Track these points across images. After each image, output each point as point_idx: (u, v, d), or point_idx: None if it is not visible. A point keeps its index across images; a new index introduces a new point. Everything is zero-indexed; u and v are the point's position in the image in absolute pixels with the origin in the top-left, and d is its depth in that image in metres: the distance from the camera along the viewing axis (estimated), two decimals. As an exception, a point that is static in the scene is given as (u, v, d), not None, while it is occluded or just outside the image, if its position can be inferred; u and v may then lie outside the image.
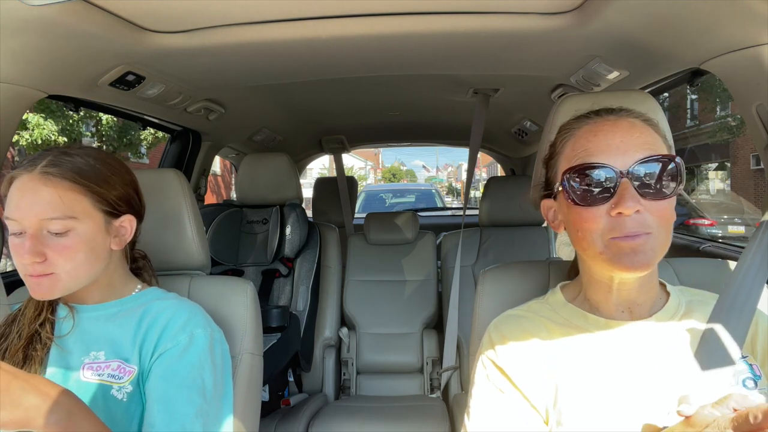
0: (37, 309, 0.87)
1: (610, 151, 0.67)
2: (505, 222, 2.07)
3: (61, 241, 0.79)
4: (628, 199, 0.64)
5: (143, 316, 0.86)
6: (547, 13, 1.07)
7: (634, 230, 0.65)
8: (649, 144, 0.68)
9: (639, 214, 0.65)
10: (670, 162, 0.67)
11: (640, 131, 0.69)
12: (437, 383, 2.20)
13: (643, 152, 0.67)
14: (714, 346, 0.67)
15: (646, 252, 0.65)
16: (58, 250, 0.78)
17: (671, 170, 0.66)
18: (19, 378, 0.62)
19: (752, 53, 0.86)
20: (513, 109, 2.13)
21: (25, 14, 0.88)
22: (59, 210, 0.78)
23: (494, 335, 0.77)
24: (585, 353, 0.71)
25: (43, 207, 0.78)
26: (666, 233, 0.67)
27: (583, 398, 0.68)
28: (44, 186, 0.78)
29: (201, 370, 0.83)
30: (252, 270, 2.08)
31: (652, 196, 0.66)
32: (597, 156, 0.68)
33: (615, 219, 0.66)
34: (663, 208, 0.66)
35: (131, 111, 1.68)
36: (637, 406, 0.66)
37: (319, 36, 1.15)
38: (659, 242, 0.66)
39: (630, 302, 0.73)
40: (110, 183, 0.85)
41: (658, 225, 0.66)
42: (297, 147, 2.89)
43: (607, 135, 0.69)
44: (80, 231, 0.80)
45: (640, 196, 0.65)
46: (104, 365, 0.83)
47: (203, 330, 0.86)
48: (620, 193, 0.65)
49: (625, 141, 0.68)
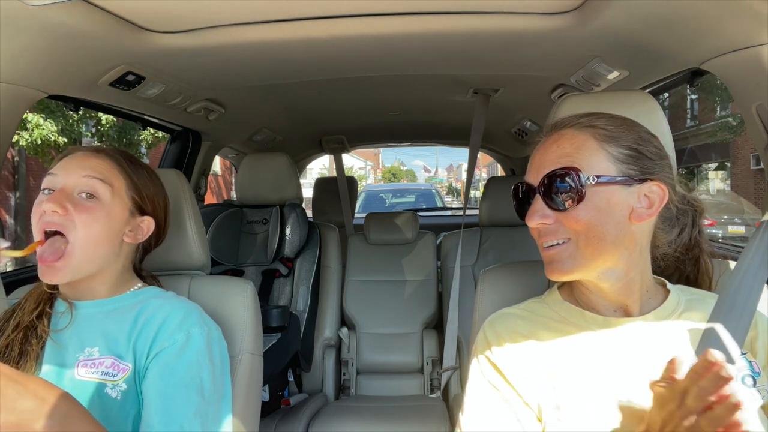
0: (36, 302, 0.87)
1: (533, 168, 0.74)
2: (505, 222, 2.07)
3: (86, 202, 0.83)
4: (532, 214, 0.72)
5: (139, 314, 0.86)
6: (547, 13, 1.07)
7: (548, 239, 0.71)
8: (567, 155, 0.71)
9: (552, 225, 0.71)
10: (565, 174, 0.69)
11: (558, 144, 0.72)
12: (437, 383, 2.20)
13: (552, 166, 0.71)
14: (714, 344, 0.67)
15: (562, 260, 0.70)
16: (80, 210, 0.82)
17: (567, 181, 0.69)
18: (16, 381, 0.61)
19: (752, 53, 0.86)
20: (513, 109, 2.13)
21: (25, 14, 0.88)
22: (98, 172, 0.85)
23: (489, 332, 0.78)
24: (583, 350, 0.72)
25: (85, 167, 0.85)
26: (587, 240, 0.69)
27: (581, 395, 0.68)
28: (94, 156, 0.87)
29: (199, 369, 0.82)
30: (252, 270, 2.08)
31: (555, 208, 0.71)
32: (527, 174, 0.75)
33: (536, 230, 0.73)
34: (573, 217, 0.69)
35: (131, 111, 1.67)
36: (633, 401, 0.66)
37: (319, 36, 1.15)
38: (578, 249, 0.70)
39: (617, 303, 0.74)
40: (147, 182, 0.92)
41: (576, 232, 0.69)
42: (297, 147, 2.89)
43: (537, 152, 0.75)
44: (106, 201, 0.85)
45: (547, 209, 0.71)
46: (98, 362, 0.82)
47: (200, 329, 0.86)
48: (531, 207, 0.73)
49: (543, 157, 0.73)
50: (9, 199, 8.12)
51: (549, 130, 0.76)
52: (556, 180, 0.70)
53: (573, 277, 0.72)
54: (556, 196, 0.70)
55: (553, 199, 0.70)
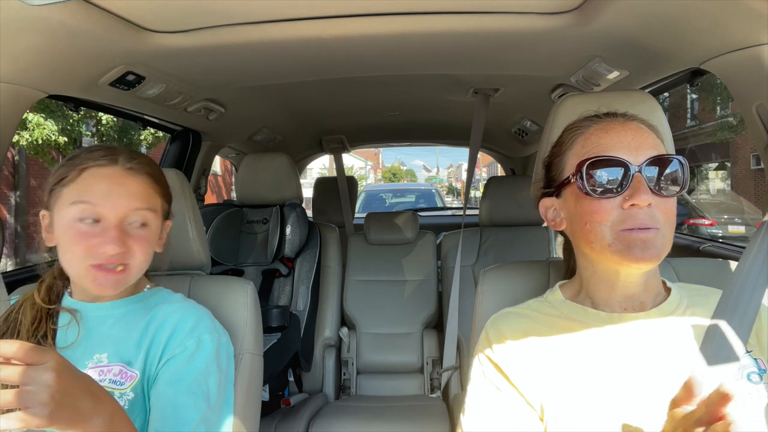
0: (34, 318, 0.84)
1: (622, 147, 0.70)
2: (505, 222, 2.07)
3: (141, 232, 0.82)
4: (642, 192, 0.67)
5: (150, 321, 0.85)
6: (547, 13, 1.07)
7: (645, 223, 0.67)
8: (656, 146, 0.72)
9: (650, 209, 0.68)
10: (677, 162, 0.70)
11: (648, 133, 0.73)
12: (437, 383, 2.20)
13: (654, 151, 0.70)
14: (719, 341, 0.68)
15: (656, 245, 0.67)
16: (138, 241, 0.81)
17: (678, 170, 0.70)
18: (80, 380, 0.63)
19: (752, 53, 0.86)
20: (513, 109, 2.13)
21: (25, 14, 0.88)
22: (146, 201, 0.83)
23: (491, 332, 0.77)
24: (587, 347, 0.72)
25: (132, 198, 0.82)
26: (671, 231, 0.70)
27: (586, 393, 0.68)
28: (132, 179, 0.83)
29: (207, 376, 0.82)
30: (252, 270, 2.08)
31: (661, 192, 0.69)
32: (611, 151, 0.71)
33: (627, 211, 0.68)
34: (670, 205, 0.70)
35: (131, 111, 1.67)
36: (639, 399, 0.66)
37: (319, 36, 1.14)
38: (666, 239, 0.69)
39: (632, 298, 0.74)
40: (166, 186, 0.91)
41: (665, 222, 0.69)
42: (297, 147, 2.88)
43: (618, 133, 0.72)
44: (153, 226, 0.85)
45: (651, 192, 0.68)
46: (106, 369, 0.82)
47: (210, 335, 0.85)
48: (635, 185, 0.68)
49: (636, 139, 0.71)
50: (9, 198, 8.13)
51: (615, 117, 0.75)
52: (668, 165, 0.70)
53: (650, 267, 0.71)
54: (665, 180, 0.69)
55: (661, 183, 0.69)
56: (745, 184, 12.44)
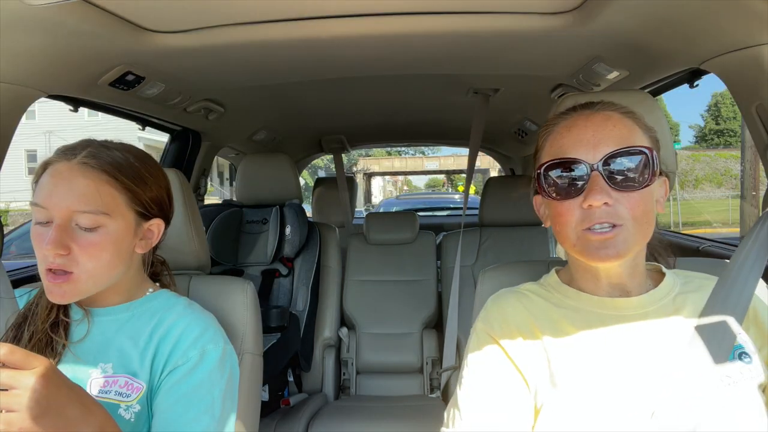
0: (47, 307, 0.82)
1: (581, 146, 0.70)
2: (504, 222, 2.06)
3: (89, 237, 0.75)
4: (596, 192, 0.67)
5: (154, 330, 0.83)
6: (547, 13, 1.07)
7: (604, 220, 0.67)
8: (623, 137, 0.70)
9: (610, 207, 0.68)
10: (640, 154, 0.69)
11: (614, 124, 0.71)
12: (437, 383, 2.20)
13: (614, 145, 0.69)
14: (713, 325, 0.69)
15: (616, 245, 0.68)
16: (84, 246, 0.74)
17: (641, 162, 0.69)
18: (69, 388, 0.62)
19: (752, 53, 0.86)
20: (513, 109, 2.13)
21: (25, 14, 0.88)
22: (94, 203, 0.75)
23: (492, 308, 0.80)
24: (581, 329, 0.73)
25: (77, 198, 0.74)
26: (640, 225, 0.69)
27: (579, 372, 0.70)
28: (82, 176, 0.75)
29: (210, 387, 0.80)
30: (252, 270, 2.08)
31: (622, 188, 0.68)
32: (569, 151, 0.71)
33: (586, 211, 0.68)
34: (635, 200, 0.68)
35: (131, 111, 1.67)
36: (630, 380, 0.68)
37: (319, 36, 1.14)
38: (632, 234, 0.68)
39: (620, 286, 0.75)
40: (147, 183, 0.82)
41: (631, 217, 0.68)
42: (297, 147, 2.88)
43: (580, 130, 0.71)
44: (110, 229, 0.77)
45: (610, 189, 0.68)
46: (112, 381, 0.79)
47: (215, 345, 0.83)
48: (590, 185, 0.68)
49: (596, 135, 0.70)
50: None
51: (583, 109, 0.74)
52: (627, 159, 0.68)
53: (619, 262, 0.71)
54: (625, 175, 0.68)
55: (617, 179, 0.68)
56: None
